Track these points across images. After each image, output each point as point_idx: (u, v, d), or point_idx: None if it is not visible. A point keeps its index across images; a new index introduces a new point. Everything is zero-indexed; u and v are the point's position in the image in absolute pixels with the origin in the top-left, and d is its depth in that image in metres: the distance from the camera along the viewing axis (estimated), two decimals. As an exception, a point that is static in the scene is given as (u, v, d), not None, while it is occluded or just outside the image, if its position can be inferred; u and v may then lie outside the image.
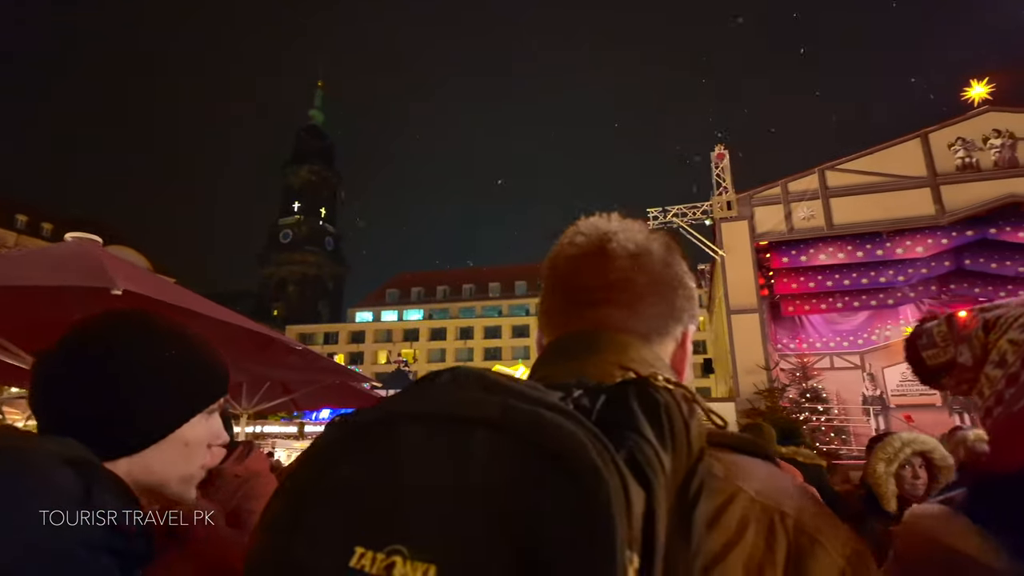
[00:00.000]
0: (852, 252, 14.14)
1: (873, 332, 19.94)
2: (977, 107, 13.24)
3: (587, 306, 0.67)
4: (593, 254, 0.69)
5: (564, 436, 0.40)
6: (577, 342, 0.65)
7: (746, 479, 0.52)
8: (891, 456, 2.36)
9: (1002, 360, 1.00)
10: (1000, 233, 13.18)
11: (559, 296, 0.71)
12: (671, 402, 0.46)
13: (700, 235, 14.49)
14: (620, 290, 0.67)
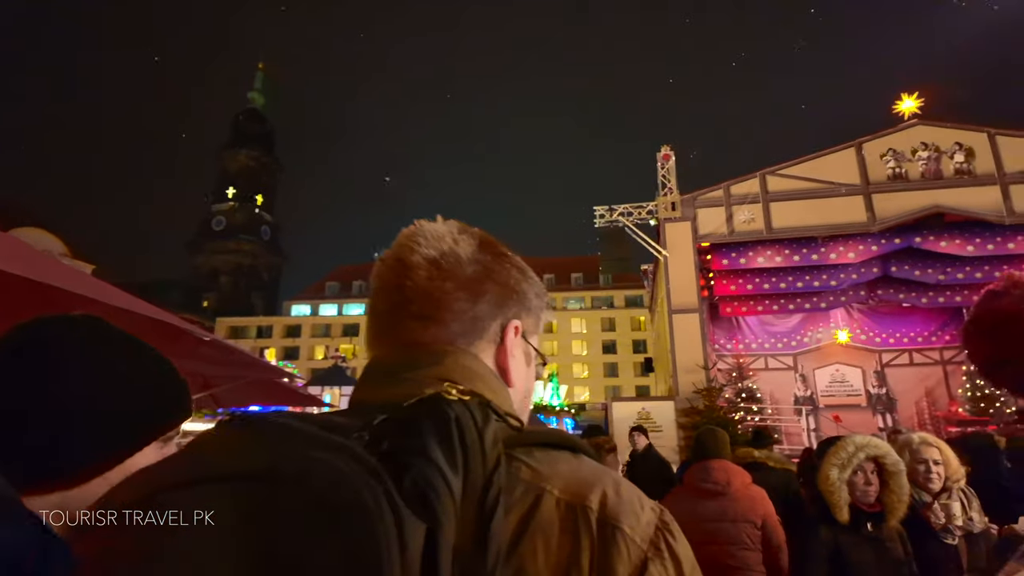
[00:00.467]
0: (789, 256, 14.50)
1: (806, 335, 20.66)
2: (907, 120, 13.81)
3: (393, 322, 0.66)
4: (393, 268, 0.68)
5: (334, 479, 0.39)
6: (391, 361, 0.63)
7: (551, 478, 0.52)
8: (844, 461, 2.22)
9: None
10: (924, 242, 13.80)
11: (370, 314, 0.70)
12: (463, 414, 0.46)
13: (645, 235, 14.51)
14: (422, 301, 0.65)
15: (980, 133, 13.22)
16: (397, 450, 0.43)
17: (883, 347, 20.20)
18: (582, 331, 59.08)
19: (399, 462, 0.42)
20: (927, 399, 19.42)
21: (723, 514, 2.82)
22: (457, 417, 0.46)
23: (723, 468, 2.99)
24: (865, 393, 19.82)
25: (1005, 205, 12.69)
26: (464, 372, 0.61)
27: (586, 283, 61.22)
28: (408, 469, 0.42)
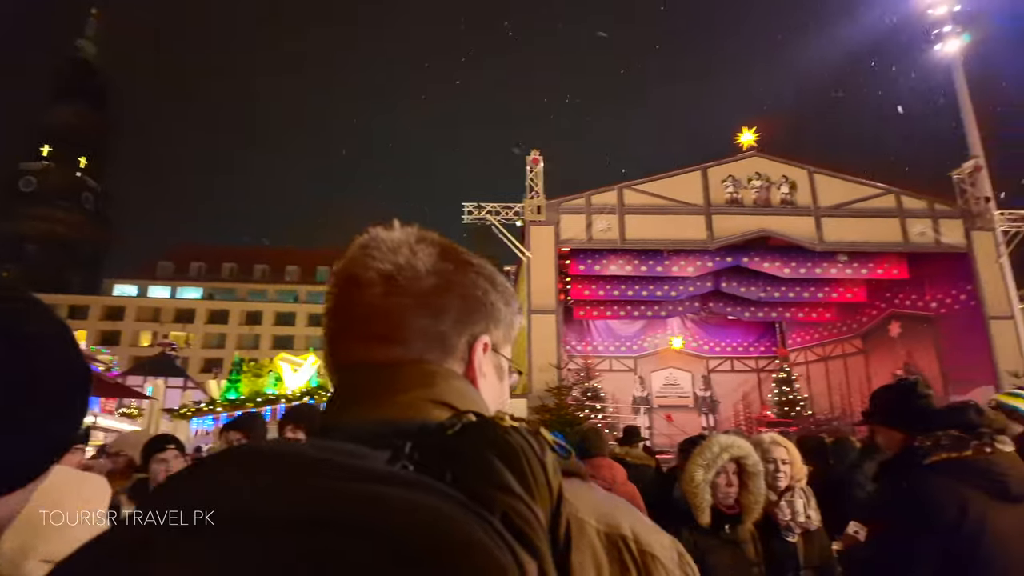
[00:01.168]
0: (638, 266, 15.51)
1: (646, 340, 22.28)
2: (746, 151, 15.41)
3: (352, 343, 0.61)
4: (346, 285, 0.63)
5: (426, 519, 0.34)
6: (372, 380, 0.58)
7: (583, 509, 0.54)
8: (710, 462, 2.18)
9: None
10: (751, 262, 15.49)
11: (325, 336, 0.65)
12: (525, 444, 0.44)
13: (511, 235, 14.66)
14: (379, 320, 0.60)
15: (802, 170, 15.13)
16: (472, 482, 0.39)
17: (710, 354, 22.44)
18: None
19: (478, 496, 0.37)
20: (743, 402, 21.90)
21: None
22: (521, 446, 0.43)
23: (609, 465, 3.13)
24: (693, 395, 21.87)
25: (817, 234, 14.62)
26: (459, 395, 0.57)
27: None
28: (493, 503, 0.38)
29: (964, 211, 15.01)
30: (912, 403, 2.10)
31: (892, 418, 2.15)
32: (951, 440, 1.89)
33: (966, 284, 14.78)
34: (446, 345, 0.61)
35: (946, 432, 1.92)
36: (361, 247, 0.63)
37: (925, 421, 2.00)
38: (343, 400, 0.58)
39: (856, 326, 19.17)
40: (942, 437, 1.91)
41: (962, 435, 1.90)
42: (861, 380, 18.85)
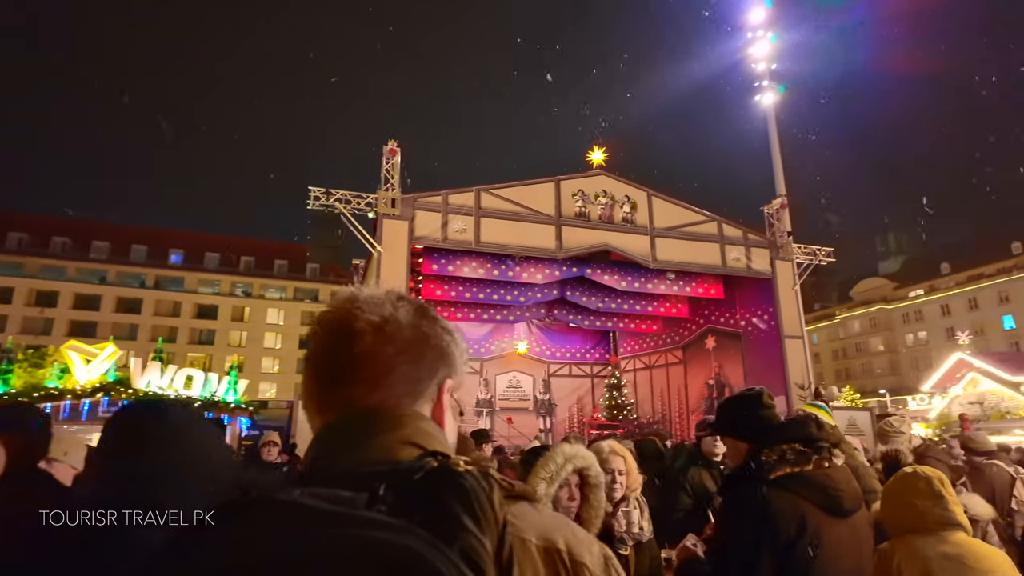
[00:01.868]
0: (490, 270, 15.62)
1: (493, 343, 22.58)
2: (595, 169, 16.24)
3: (339, 385, 0.69)
4: (337, 332, 0.71)
5: (400, 556, 0.44)
6: (351, 426, 0.66)
7: (526, 529, 0.60)
8: (553, 474, 2.02)
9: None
10: (593, 274, 16.36)
11: (312, 378, 0.72)
12: (475, 484, 0.53)
13: (362, 227, 13.92)
14: (369, 365, 0.69)
15: (643, 192, 16.31)
16: (435, 522, 0.48)
17: (551, 359, 23.38)
18: (279, 322, 54.84)
19: (440, 534, 0.47)
20: (577, 405, 23.10)
21: None
22: (472, 487, 0.52)
23: None
24: (534, 398, 22.61)
25: (651, 252, 15.84)
26: (425, 435, 0.66)
27: (291, 272, 57.07)
28: (452, 540, 0.47)
29: (771, 242, 17.25)
30: (757, 415, 2.13)
31: (737, 429, 2.17)
32: (795, 454, 1.94)
33: (768, 306, 16.97)
34: (420, 388, 0.71)
35: (791, 446, 1.96)
36: (348, 300, 0.72)
37: (769, 433, 2.04)
38: (332, 442, 0.66)
39: (678, 338, 21.16)
40: (787, 451, 1.95)
41: (804, 449, 1.95)
42: (680, 387, 20.84)
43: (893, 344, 59.50)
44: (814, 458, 1.95)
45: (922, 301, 57.12)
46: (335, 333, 0.70)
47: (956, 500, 2.31)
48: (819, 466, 1.94)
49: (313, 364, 0.72)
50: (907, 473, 2.39)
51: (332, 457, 0.63)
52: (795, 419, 2.10)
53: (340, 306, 0.72)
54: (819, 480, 1.91)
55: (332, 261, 60.60)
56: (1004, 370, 19.09)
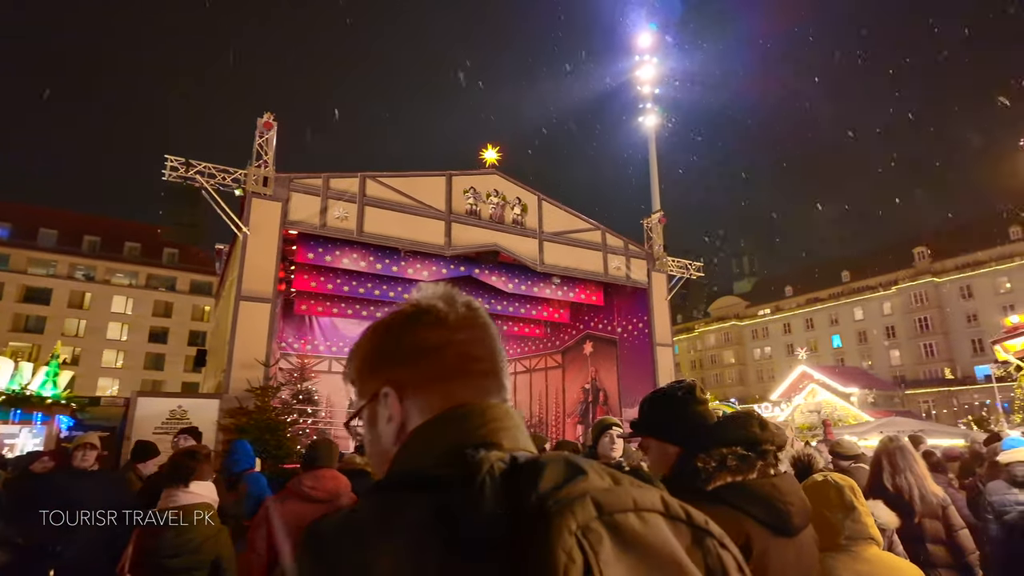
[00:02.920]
0: (373, 263, 14.71)
1: (371, 342, 21.47)
2: (488, 168, 15.93)
3: (500, 375, 0.75)
4: (490, 326, 0.77)
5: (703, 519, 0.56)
6: (508, 414, 0.69)
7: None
8: None
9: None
10: (481, 274, 16.01)
11: (479, 357, 0.74)
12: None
13: (226, 205, 12.45)
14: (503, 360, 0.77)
15: (534, 195, 16.27)
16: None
17: (433, 361, 22.70)
18: (126, 311, 48.82)
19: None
20: (457, 409, 22.62)
21: None
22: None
23: (333, 477, 3.14)
24: (411, 401, 21.79)
25: (540, 256, 15.81)
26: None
27: (144, 256, 51.01)
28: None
29: (648, 254, 17.96)
30: (688, 412, 1.76)
31: (665, 430, 1.79)
32: (737, 460, 1.60)
33: (643, 315, 17.64)
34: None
35: (731, 449, 1.62)
36: (466, 300, 0.79)
37: (704, 435, 1.69)
38: (517, 427, 0.70)
39: (559, 343, 21.44)
40: (727, 456, 1.61)
41: (747, 453, 1.62)
42: (558, 391, 21.10)
43: (743, 357, 65.59)
44: (758, 464, 1.61)
45: (768, 319, 63.57)
46: (490, 327, 0.76)
47: (868, 510, 2.14)
48: (764, 474, 1.61)
49: (475, 348, 0.73)
50: (818, 482, 2.18)
51: (524, 442, 0.66)
52: (735, 417, 1.74)
53: (472, 304, 0.78)
54: (765, 492, 1.58)
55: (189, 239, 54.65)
56: (838, 382, 21.47)
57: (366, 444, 0.75)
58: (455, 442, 0.61)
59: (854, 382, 27.58)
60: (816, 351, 54.25)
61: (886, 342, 51.84)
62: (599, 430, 3.75)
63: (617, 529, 0.46)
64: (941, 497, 3.78)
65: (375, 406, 0.72)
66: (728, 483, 1.57)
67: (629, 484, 0.52)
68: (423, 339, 0.72)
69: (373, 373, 0.73)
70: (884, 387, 35.34)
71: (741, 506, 1.53)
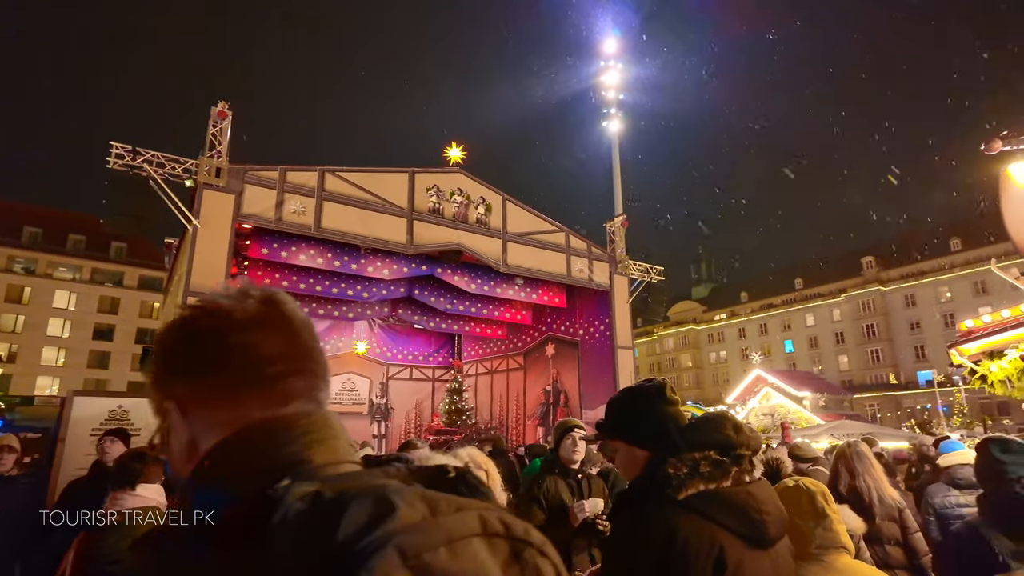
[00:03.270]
0: (331, 260, 14.29)
1: (328, 341, 20.93)
2: (452, 166, 15.71)
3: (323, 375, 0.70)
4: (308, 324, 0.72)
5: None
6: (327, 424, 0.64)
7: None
8: None
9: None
10: (443, 273, 15.76)
11: (296, 357, 0.68)
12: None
13: (175, 196, 11.88)
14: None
15: (498, 195, 16.11)
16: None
17: (391, 361, 22.30)
18: (69, 307, 46.49)
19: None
20: (416, 410, 22.26)
21: None
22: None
23: None
24: (369, 402, 21.33)
25: (503, 256, 15.66)
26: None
27: (90, 250, 48.66)
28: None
29: (611, 257, 18.04)
30: (659, 413, 1.63)
31: (633, 432, 1.66)
32: (711, 466, 1.48)
33: (605, 317, 17.69)
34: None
35: (704, 454, 1.50)
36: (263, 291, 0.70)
37: (676, 438, 1.57)
38: (339, 438, 0.65)
39: (521, 345, 21.35)
40: (700, 461, 1.48)
41: (720, 458, 1.50)
42: (519, 393, 20.99)
43: (699, 361, 66.97)
44: (733, 471, 1.49)
45: (724, 324, 65.08)
46: (295, 321, 0.69)
47: (840, 518, 2.06)
48: (739, 481, 1.49)
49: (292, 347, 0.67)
50: (788, 487, 2.09)
51: (346, 454, 0.63)
52: (707, 419, 1.62)
53: (284, 298, 0.71)
54: (740, 500, 1.46)
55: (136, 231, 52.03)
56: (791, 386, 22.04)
57: (170, 466, 0.66)
58: (253, 468, 0.55)
59: (806, 386, 28.48)
60: (769, 355, 55.79)
61: (835, 348, 53.68)
62: (561, 432, 3.61)
63: (425, 571, 0.43)
64: (898, 500, 3.84)
65: (167, 423, 0.65)
66: (701, 491, 1.44)
67: (447, 509, 0.49)
68: (202, 344, 0.64)
69: (158, 386, 0.66)
70: (834, 391, 36.57)
71: (714, 516, 1.41)
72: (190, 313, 0.67)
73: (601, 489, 3.66)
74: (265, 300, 0.68)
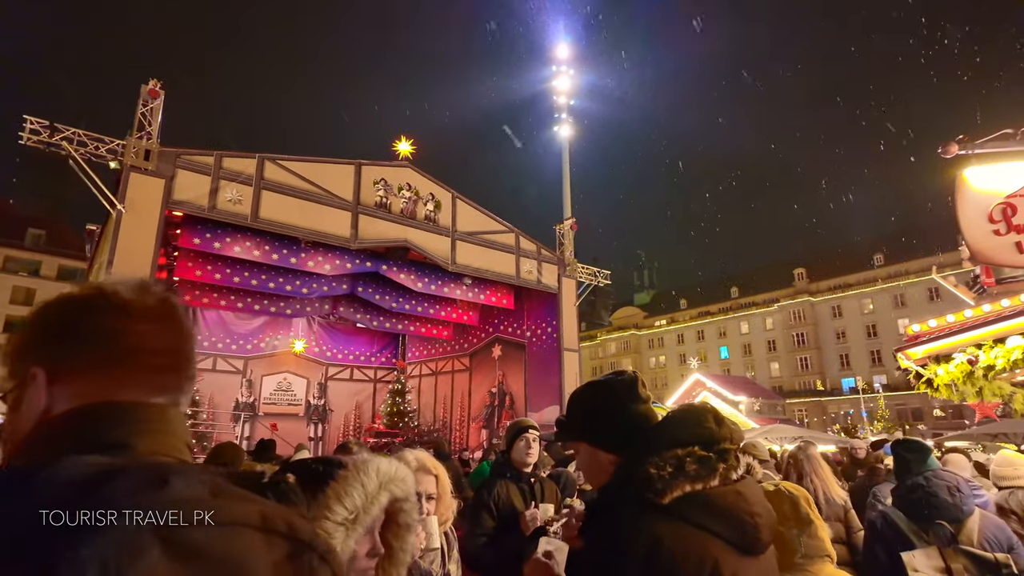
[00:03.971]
0: (268, 253, 13.59)
1: (264, 339, 20.02)
2: (401, 160, 15.28)
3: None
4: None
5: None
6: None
7: None
8: (360, 509, 1.03)
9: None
10: (389, 271, 15.29)
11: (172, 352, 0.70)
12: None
13: (98, 177, 10.98)
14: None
15: (448, 192, 15.79)
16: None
17: (331, 361, 21.53)
18: (-27, 298, 42.71)
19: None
20: (356, 411, 21.57)
21: None
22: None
23: None
24: (306, 403, 20.50)
25: (452, 255, 15.35)
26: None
27: (2, 237, 44.89)
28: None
29: (560, 259, 18.04)
30: (629, 412, 1.42)
31: (600, 433, 1.44)
32: (696, 464, 1.28)
33: (552, 319, 17.65)
34: None
35: (689, 451, 1.30)
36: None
37: (651, 437, 1.36)
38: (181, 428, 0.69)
39: (467, 346, 21.05)
40: (686, 459, 1.28)
41: (707, 454, 1.30)
42: (464, 395, 20.67)
43: (640, 365, 68.43)
44: (720, 467, 1.29)
45: (664, 330, 66.79)
46: (184, 324, 0.71)
47: (823, 524, 1.95)
48: (726, 479, 1.29)
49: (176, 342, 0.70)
50: (769, 492, 1.97)
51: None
52: (685, 412, 1.39)
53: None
54: (730, 502, 1.25)
55: (50, 213, 48.19)
56: (728, 390, 22.69)
57: (3, 432, 0.66)
58: (78, 442, 0.56)
59: (742, 390, 29.52)
60: (706, 361, 57.59)
61: (768, 355, 55.97)
62: (514, 433, 3.40)
63: (179, 544, 0.44)
64: (844, 499, 3.91)
65: (23, 389, 0.64)
66: (687, 493, 1.24)
67: (229, 497, 0.50)
68: (93, 321, 0.65)
69: (28, 353, 0.65)
70: (767, 396, 38.11)
71: (703, 522, 1.20)
72: (86, 291, 0.68)
73: (554, 493, 3.47)
74: (163, 298, 0.69)
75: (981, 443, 9.20)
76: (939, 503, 2.36)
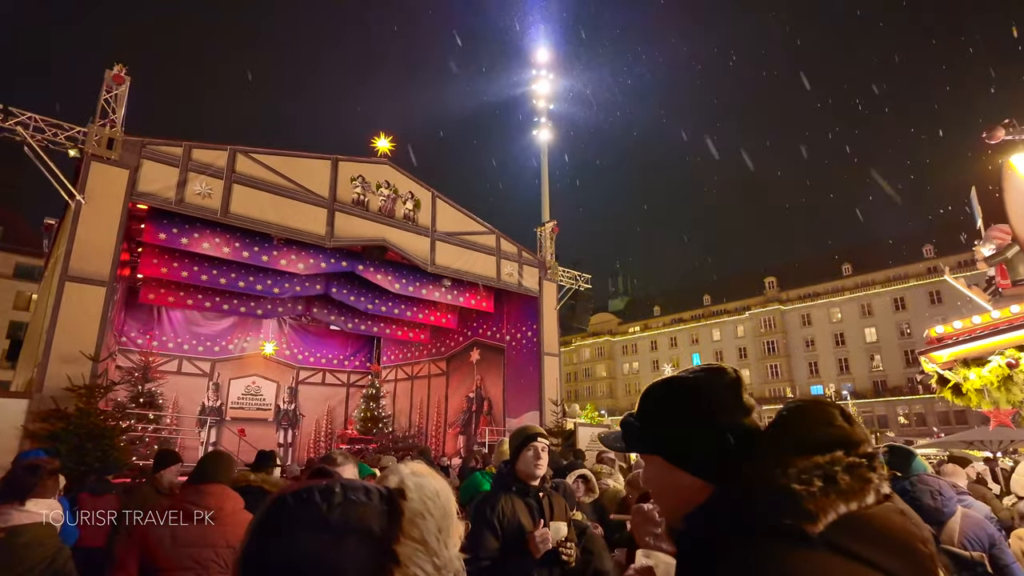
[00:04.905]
0: (239, 250, 12.99)
1: (232, 341, 19.27)
2: (379, 157, 14.81)
3: None
4: None
5: None
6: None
7: None
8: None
9: None
10: (365, 271, 14.78)
11: None
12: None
13: (56, 167, 10.29)
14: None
15: (428, 191, 15.37)
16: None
17: (303, 364, 20.85)
18: (-81, 294, 40.48)
19: None
20: (328, 417, 20.88)
21: (204, 539, 2.66)
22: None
23: (220, 493, 2.87)
24: (275, 407, 19.76)
25: (431, 256, 14.92)
26: None
27: (-49, 230, 42.68)
28: None
29: (541, 262, 17.75)
30: (731, 423, 1.03)
31: (688, 449, 1.05)
32: (846, 473, 0.90)
33: (532, 323, 17.33)
34: None
35: (832, 458, 0.91)
36: None
37: (770, 439, 0.98)
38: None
39: (444, 349, 20.58)
40: (829, 468, 0.90)
41: (857, 460, 0.91)
42: (440, 399, 20.19)
43: (614, 371, 68.63)
44: (873, 479, 0.93)
45: (638, 336, 67.12)
46: None
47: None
48: (879, 497, 0.94)
49: None
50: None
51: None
52: (804, 410, 0.99)
53: None
54: (897, 528, 0.90)
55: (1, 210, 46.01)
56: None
57: None
58: None
59: (715, 397, 29.41)
60: (678, 367, 57.80)
61: (739, 362, 56.60)
62: (521, 441, 3.03)
63: None
64: None
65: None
66: (841, 516, 0.89)
67: None
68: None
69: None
70: (738, 403, 38.30)
71: (873, 558, 0.85)
72: None
73: (564, 510, 3.13)
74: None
75: (949, 450, 9.04)
76: (922, 507, 2.64)
